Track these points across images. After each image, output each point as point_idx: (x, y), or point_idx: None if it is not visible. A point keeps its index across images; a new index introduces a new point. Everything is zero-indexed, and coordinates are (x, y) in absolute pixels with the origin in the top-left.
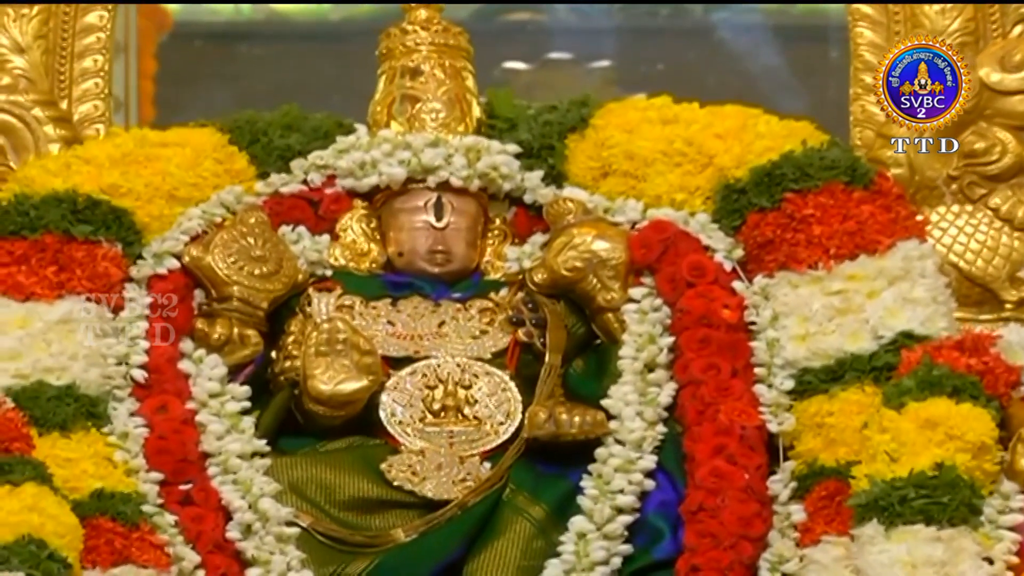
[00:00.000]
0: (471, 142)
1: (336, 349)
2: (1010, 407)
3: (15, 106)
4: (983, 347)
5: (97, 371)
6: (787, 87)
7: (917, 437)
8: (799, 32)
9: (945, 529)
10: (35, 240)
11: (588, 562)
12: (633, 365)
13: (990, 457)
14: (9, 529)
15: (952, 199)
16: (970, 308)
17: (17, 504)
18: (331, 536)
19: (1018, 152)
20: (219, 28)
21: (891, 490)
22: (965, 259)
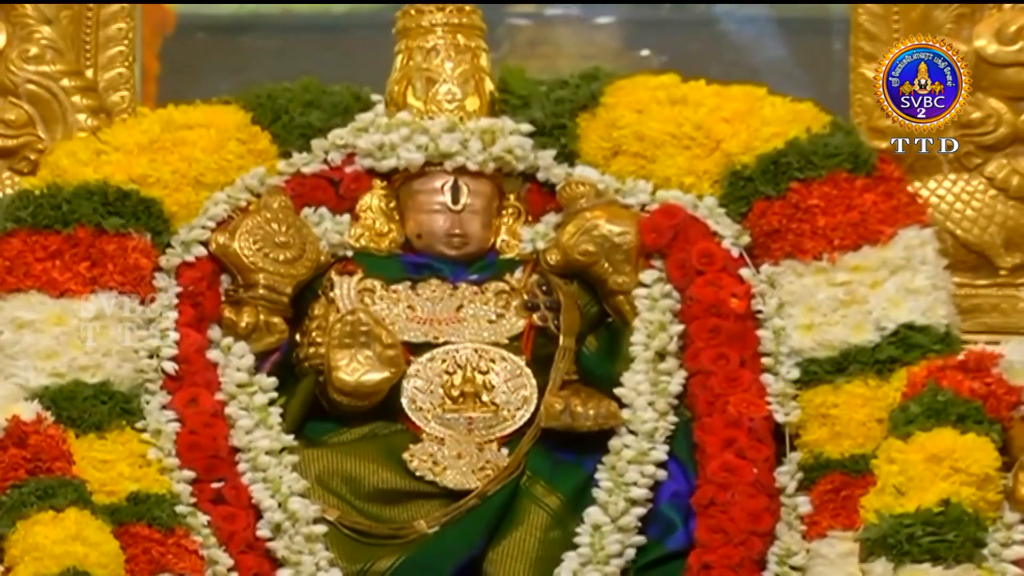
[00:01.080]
0: (486, 125)
1: (359, 341)
2: (1011, 429)
3: (43, 77)
4: (985, 367)
5: (130, 366)
6: (790, 79)
7: (924, 471)
8: (802, 24)
9: (951, 568)
10: (68, 234)
11: (603, 555)
12: (644, 353)
13: (993, 487)
14: (55, 561)
15: (949, 168)
16: (966, 274)
17: (62, 533)
18: (357, 529)
19: (1013, 122)
20: (223, 20)
21: (899, 527)
22: (962, 227)
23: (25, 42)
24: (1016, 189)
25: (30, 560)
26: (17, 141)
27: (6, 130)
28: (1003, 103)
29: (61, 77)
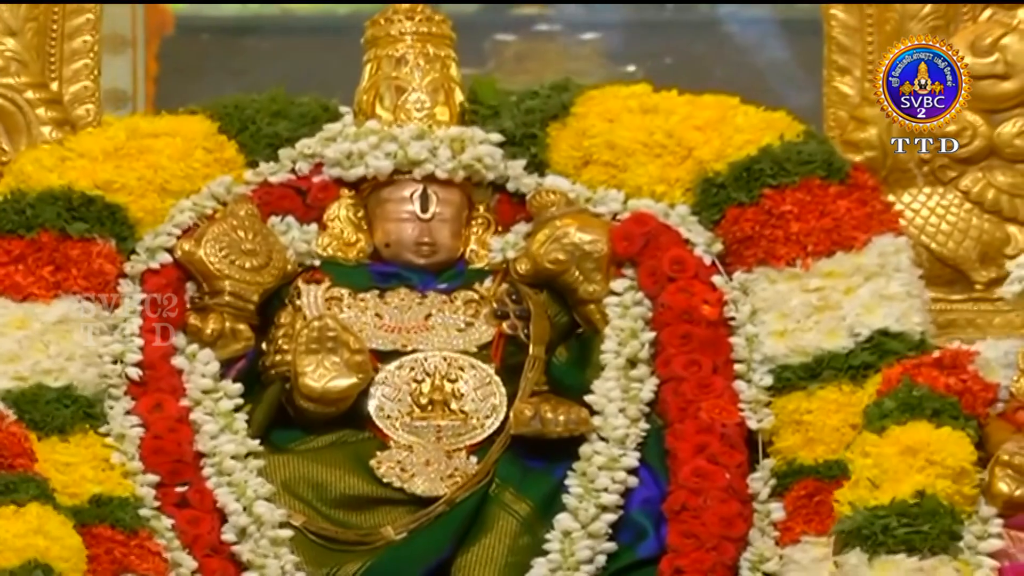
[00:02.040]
0: (455, 133)
1: (326, 347)
2: (987, 426)
3: (7, 89)
4: (961, 364)
5: (94, 371)
6: (793, 80)
7: (899, 464)
8: (805, 25)
9: (927, 559)
10: (31, 239)
11: (574, 561)
12: (616, 360)
13: (969, 480)
14: (15, 554)
15: (924, 181)
16: (941, 288)
17: (23, 527)
18: (323, 535)
19: (988, 135)
20: (225, 22)
21: (874, 519)
22: (936, 240)
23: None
24: (991, 203)
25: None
26: None
27: None
28: (978, 116)
29: (25, 89)
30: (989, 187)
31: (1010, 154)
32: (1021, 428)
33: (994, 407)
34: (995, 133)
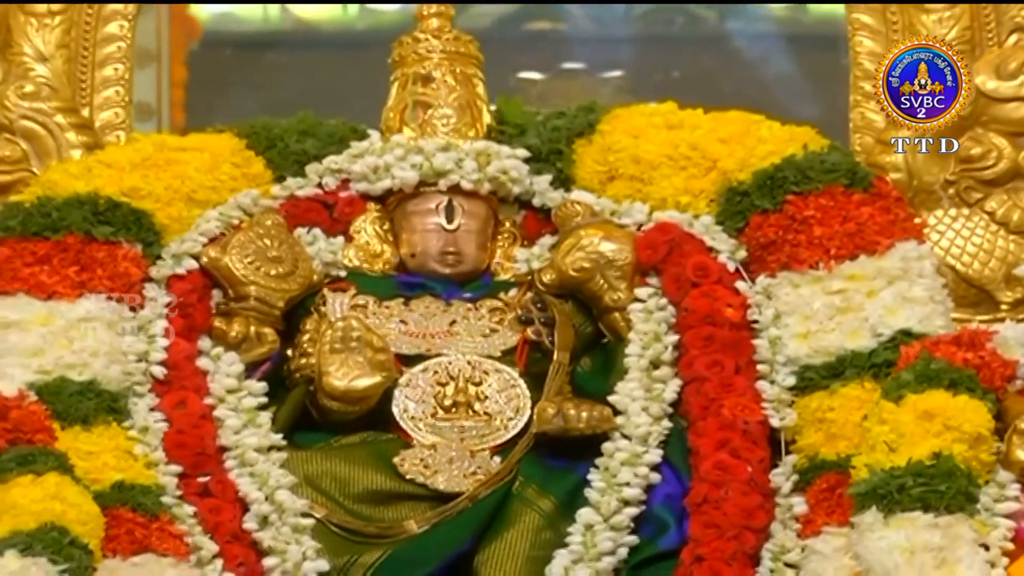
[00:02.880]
0: (481, 147)
1: (350, 346)
2: (1006, 400)
3: (38, 113)
4: (979, 342)
5: (118, 367)
6: (800, 94)
7: (915, 428)
8: (811, 40)
9: (942, 516)
10: (57, 241)
11: (595, 552)
12: (639, 362)
13: (986, 447)
14: (32, 517)
15: (949, 203)
16: (967, 309)
17: (40, 493)
18: (345, 527)
19: (1013, 157)
20: (248, 36)
21: (890, 479)
22: (962, 261)
23: (21, 79)
24: (1017, 224)
25: (8, 518)
26: (12, 176)
27: (1, 166)
28: (1003, 138)
29: (56, 113)
30: (1014, 208)
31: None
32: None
33: (1013, 383)
34: (1020, 155)
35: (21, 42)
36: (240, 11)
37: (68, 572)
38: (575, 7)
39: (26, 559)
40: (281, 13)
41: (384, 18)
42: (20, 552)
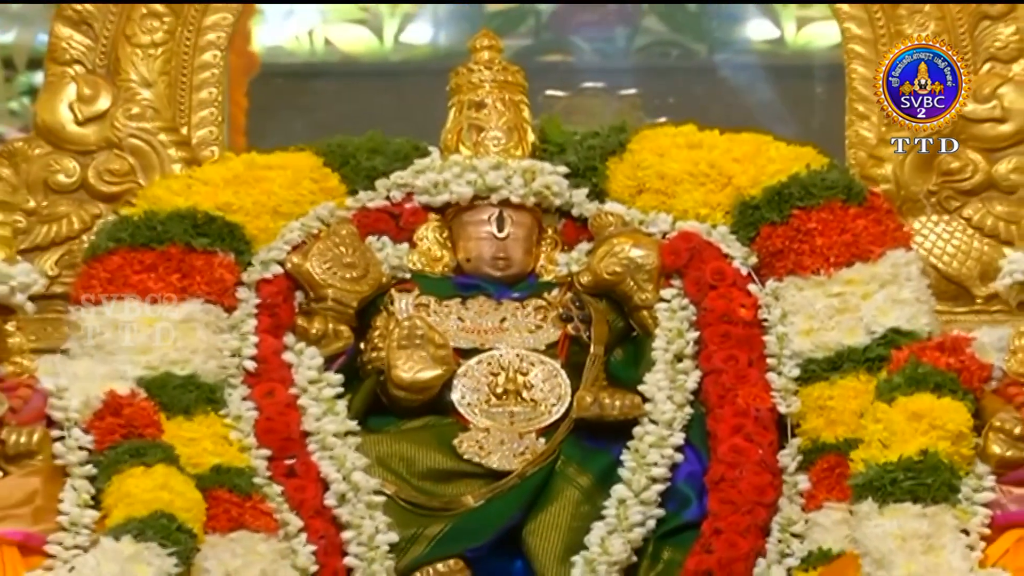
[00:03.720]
0: (527, 165)
1: (415, 343)
2: (983, 399)
3: (143, 132)
4: (960, 347)
5: (214, 362)
6: (779, 118)
7: (905, 427)
8: (789, 71)
9: (929, 507)
10: (162, 251)
11: (627, 524)
12: (665, 356)
13: (967, 443)
14: (144, 505)
15: (932, 210)
16: (947, 302)
17: (150, 483)
18: (411, 502)
19: (987, 171)
20: (296, 67)
21: (884, 473)
22: (943, 261)
23: (128, 103)
24: (990, 229)
25: (123, 506)
26: (120, 187)
27: (111, 178)
28: (979, 154)
29: (158, 132)
30: (988, 215)
31: (1006, 187)
32: (1011, 401)
33: (989, 384)
34: (993, 169)
35: (128, 70)
36: (289, 45)
37: (176, 555)
38: (583, 41)
39: (139, 544)
40: (325, 47)
41: (415, 51)
42: (134, 538)
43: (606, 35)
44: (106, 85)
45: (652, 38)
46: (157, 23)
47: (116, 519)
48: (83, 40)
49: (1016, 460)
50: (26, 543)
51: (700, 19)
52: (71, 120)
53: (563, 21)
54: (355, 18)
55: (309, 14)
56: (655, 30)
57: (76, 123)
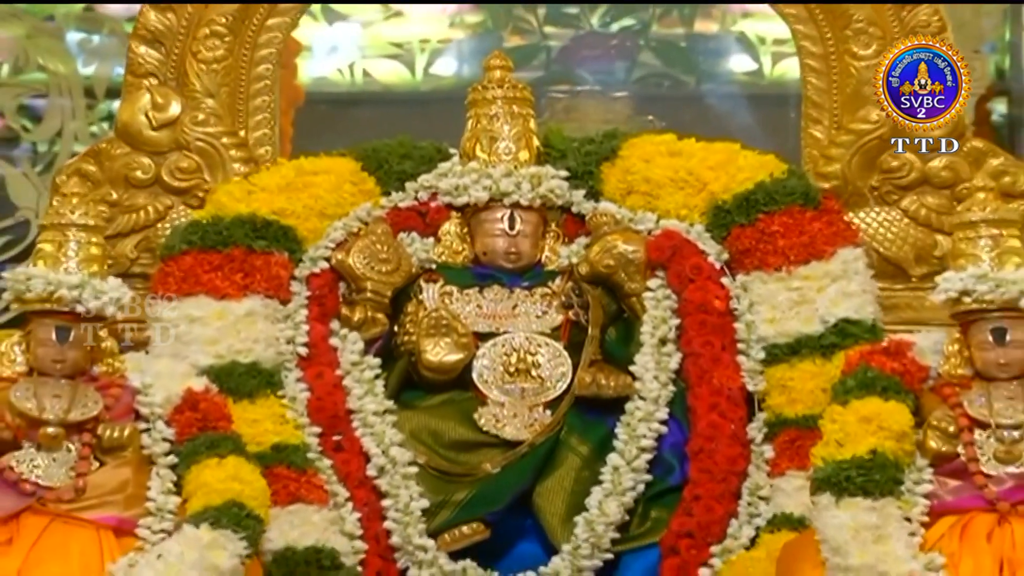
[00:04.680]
0: (534, 171)
1: (441, 331)
2: (922, 397)
3: (208, 136)
4: (902, 351)
5: (273, 350)
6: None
7: (857, 429)
8: (766, 99)
9: (878, 500)
10: (227, 253)
11: (621, 488)
12: (651, 340)
13: (909, 441)
14: (218, 494)
15: (874, 202)
16: (887, 280)
17: (223, 474)
18: (439, 470)
19: (921, 169)
20: (338, 95)
21: (839, 470)
22: (883, 245)
23: (195, 110)
24: (924, 218)
25: (201, 495)
26: (188, 183)
27: (181, 175)
28: (914, 154)
29: (221, 136)
30: (922, 207)
31: (937, 183)
32: (946, 400)
33: (926, 384)
34: (926, 168)
35: (195, 82)
36: (333, 76)
37: (246, 539)
38: (587, 73)
39: (215, 531)
40: (364, 78)
41: (442, 82)
42: (211, 525)
43: (607, 68)
44: (176, 95)
45: (647, 71)
46: (219, 42)
47: (195, 506)
48: (156, 56)
49: (950, 454)
50: (120, 527)
51: (689, 54)
52: (146, 125)
53: (570, 55)
54: (390, 53)
55: (350, 50)
56: (650, 64)
57: (151, 128)
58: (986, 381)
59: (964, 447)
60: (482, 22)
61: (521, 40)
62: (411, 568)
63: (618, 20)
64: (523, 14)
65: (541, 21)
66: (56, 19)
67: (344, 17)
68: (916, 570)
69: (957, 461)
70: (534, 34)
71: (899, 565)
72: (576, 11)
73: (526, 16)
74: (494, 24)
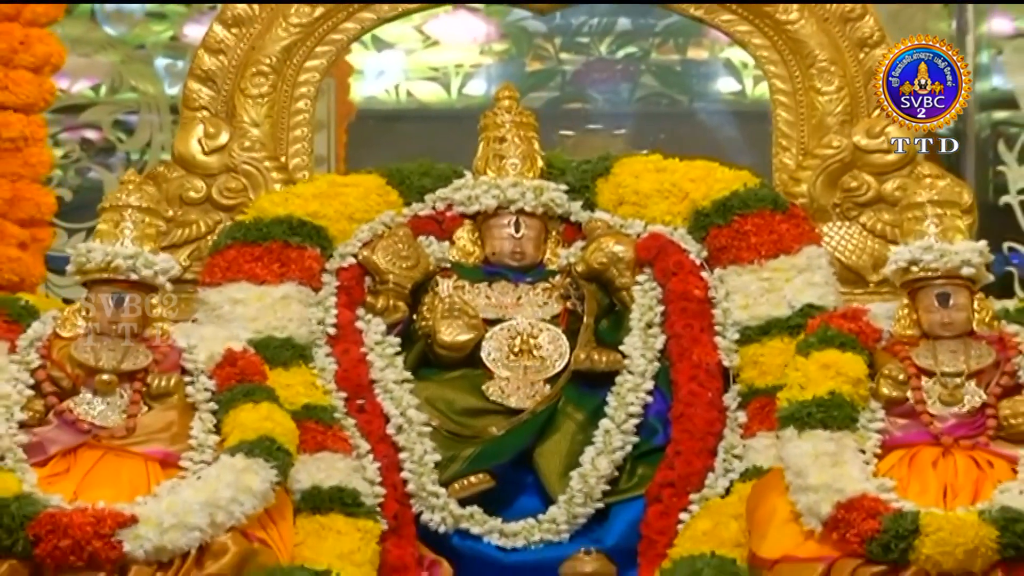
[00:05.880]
0: (537, 183)
1: (454, 314)
2: (875, 355)
3: (253, 159)
4: (858, 316)
5: (305, 328)
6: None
7: (818, 374)
8: (748, 116)
9: (835, 432)
10: (266, 246)
11: (611, 448)
12: (639, 323)
13: (863, 386)
14: (253, 431)
15: (836, 217)
16: (848, 286)
17: (257, 415)
18: (451, 432)
19: (877, 188)
20: (384, 112)
21: (801, 408)
22: (844, 255)
23: (242, 138)
24: (880, 232)
25: (237, 432)
26: (235, 201)
27: (229, 194)
28: (871, 176)
29: (264, 160)
30: (878, 221)
31: (891, 200)
32: (896, 355)
33: (880, 343)
34: (882, 187)
35: (242, 114)
36: (380, 96)
37: (276, 468)
38: (596, 93)
39: (249, 459)
40: (407, 97)
41: (473, 100)
42: (246, 455)
43: (613, 88)
44: (225, 125)
45: (648, 91)
46: (263, 80)
47: (232, 442)
48: (208, 92)
49: (900, 399)
50: (165, 459)
51: (684, 77)
52: (199, 151)
53: (582, 78)
54: (429, 76)
55: (395, 73)
56: (650, 85)
57: (203, 153)
58: (931, 340)
59: (912, 392)
60: (507, 49)
61: (540, 65)
62: (424, 512)
63: (623, 48)
64: (542, 43)
65: (557, 48)
66: (146, 47)
67: (391, 45)
68: (869, 489)
69: (906, 404)
70: (551, 60)
71: (853, 484)
72: (587, 40)
73: (544, 44)
74: (517, 51)
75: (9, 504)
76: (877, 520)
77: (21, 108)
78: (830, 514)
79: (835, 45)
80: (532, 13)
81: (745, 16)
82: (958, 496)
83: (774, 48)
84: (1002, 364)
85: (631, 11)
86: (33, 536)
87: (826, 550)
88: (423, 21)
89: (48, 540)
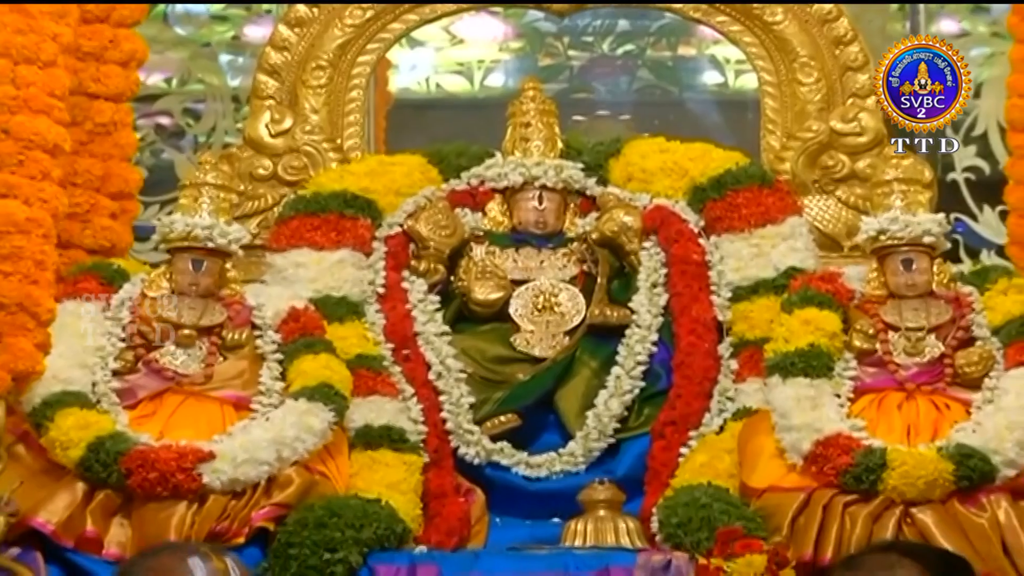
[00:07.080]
0: (557, 163)
1: (486, 276)
2: (849, 312)
3: (313, 142)
4: (835, 278)
5: (358, 288)
6: (726, 136)
7: (799, 329)
8: (731, 104)
9: (815, 380)
10: (324, 217)
11: (621, 391)
12: (646, 283)
13: (838, 340)
14: (313, 378)
15: (815, 192)
16: (825, 251)
17: (316, 364)
18: (483, 377)
19: (851, 166)
20: (417, 101)
21: (785, 358)
22: (822, 224)
23: (304, 123)
24: (853, 204)
25: (300, 379)
26: (298, 177)
27: (292, 171)
28: (846, 156)
29: (322, 142)
30: (852, 195)
31: (863, 177)
32: (867, 313)
33: (853, 301)
34: (855, 164)
35: (304, 102)
36: (413, 87)
37: (334, 410)
38: (599, 85)
39: (310, 403)
40: (436, 88)
41: (494, 91)
42: (307, 399)
43: (615, 81)
44: (289, 112)
45: (643, 83)
46: (322, 73)
47: (295, 388)
48: (274, 83)
49: (870, 350)
50: (238, 402)
51: (675, 71)
52: (267, 134)
53: (587, 72)
54: (455, 70)
55: (426, 68)
56: (646, 78)
57: (270, 136)
58: (897, 299)
59: (881, 344)
60: (523, 47)
61: (551, 60)
62: (461, 447)
63: (622, 45)
64: (553, 41)
65: (566, 46)
66: (211, 45)
67: (422, 44)
68: (843, 428)
69: (875, 355)
70: (560, 56)
71: (830, 424)
72: (592, 39)
73: (555, 43)
74: (531, 49)
75: (104, 441)
76: (850, 455)
77: (111, 97)
78: (810, 450)
79: (814, 43)
80: (547, 15)
81: (737, 17)
82: (920, 435)
83: (762, 45)
84: (958, 320)
85: (630, 13)
86: (125, 469)
87: (806, 481)
88: (450, 22)
89: (138, 473)
